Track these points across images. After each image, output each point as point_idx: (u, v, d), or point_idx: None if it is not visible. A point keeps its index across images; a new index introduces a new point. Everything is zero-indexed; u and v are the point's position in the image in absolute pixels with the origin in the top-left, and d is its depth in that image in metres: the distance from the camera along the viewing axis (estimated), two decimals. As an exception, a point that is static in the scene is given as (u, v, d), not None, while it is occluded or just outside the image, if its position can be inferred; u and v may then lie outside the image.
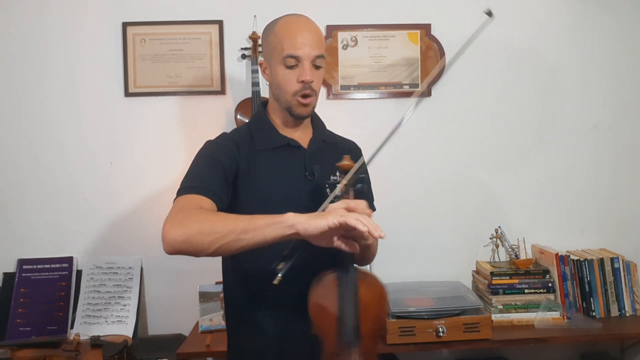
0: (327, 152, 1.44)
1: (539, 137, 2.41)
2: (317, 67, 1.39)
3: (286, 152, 1.44)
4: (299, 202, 1.34)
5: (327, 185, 1.44)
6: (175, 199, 1.31)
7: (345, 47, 2.34)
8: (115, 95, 2.32)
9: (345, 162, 1.31)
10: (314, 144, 1.47)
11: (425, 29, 2.35)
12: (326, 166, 1.41)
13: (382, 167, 2.32)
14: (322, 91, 2.33)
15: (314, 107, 1.44)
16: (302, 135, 1.48)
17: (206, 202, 1.29)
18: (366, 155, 1.33)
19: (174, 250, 1.19)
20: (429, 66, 2.35)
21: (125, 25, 2.30)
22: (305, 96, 1.38)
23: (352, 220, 1.10)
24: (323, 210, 1.20)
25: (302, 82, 1.36)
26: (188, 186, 1.32)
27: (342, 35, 2.33)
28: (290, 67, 1.37)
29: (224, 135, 1.47)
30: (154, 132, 2.33)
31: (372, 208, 1.51)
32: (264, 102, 1.53)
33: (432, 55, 2.35)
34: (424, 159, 2.39)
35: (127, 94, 2.32)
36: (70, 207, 2.32)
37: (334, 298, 1.27)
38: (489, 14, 1.31)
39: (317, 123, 1.54)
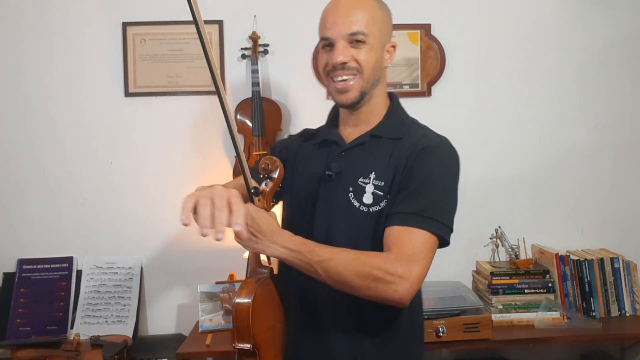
0: (371, 149, 1.26)
1: (538, 137, 2.40)
2: (358, 45, 1.22)
3: (322, 148, 1.34)
4: (308, 200, 1.29)
5: (351, 189, 1.24)
6: None
7: (345, 47, 2.34)
8: (115, 95, 2.32)
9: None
10: (356, 140, 1.29)
11: (425, 29, 2.34)
12: (360, 165, 1.26)
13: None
14: (322, 91, 2.33)
15: (362, 92, 1.25)
16: (355, 132, 1.32)
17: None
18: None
19: None
20: (428, 66, 2.35)
21: (125, 25, 2.30)
22: (337, 76, 1.24)
23: (200, 207, 0.98)
24: None
25: (332, 64, 1.24)
26: None
27: (342, 35, 2.33)
28: (326, 50, 1.26)
29: (304, 129, 1.49)
30: (154, 132, 2.33)
31: (420, 225, 1.16)
32: None
33: (432, 55, 2.35)
34: (424, 159, 2.38)
35: (127, 94, 2.31)
36: (70, 207, 2.32)
37: None
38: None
39: (390, 114, 1.33)
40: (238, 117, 2.26)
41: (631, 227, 2.42)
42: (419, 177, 1.20)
